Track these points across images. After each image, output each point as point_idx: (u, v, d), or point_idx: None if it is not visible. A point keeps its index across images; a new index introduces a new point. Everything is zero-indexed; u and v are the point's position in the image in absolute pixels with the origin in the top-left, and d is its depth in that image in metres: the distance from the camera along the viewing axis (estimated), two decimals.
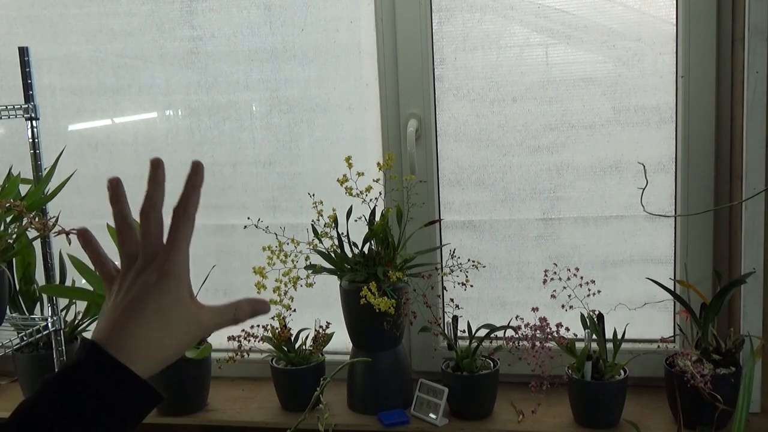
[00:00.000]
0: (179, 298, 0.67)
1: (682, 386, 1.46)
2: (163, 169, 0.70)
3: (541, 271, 1.62)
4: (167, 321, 0.66)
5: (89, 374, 0.62)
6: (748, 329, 1.52)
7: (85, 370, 0.62)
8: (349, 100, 1.80)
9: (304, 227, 1.74)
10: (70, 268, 1.76)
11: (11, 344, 1.52)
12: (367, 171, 1.60)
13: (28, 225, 1.55)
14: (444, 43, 1.71)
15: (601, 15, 1.63)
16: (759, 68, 1.46)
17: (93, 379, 0.62)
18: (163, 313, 0.66)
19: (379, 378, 1.64)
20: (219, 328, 0.70)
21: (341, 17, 1.76)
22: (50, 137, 1.89)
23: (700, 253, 1.63)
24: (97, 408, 0.61)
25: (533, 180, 1.72)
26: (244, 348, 1.67)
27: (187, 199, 0.68)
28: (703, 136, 1.59)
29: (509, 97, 1.70)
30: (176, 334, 0.66)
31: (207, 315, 0.69)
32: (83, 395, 0.61)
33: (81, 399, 0.61)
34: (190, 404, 1.73)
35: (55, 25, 1.91)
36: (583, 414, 1.57)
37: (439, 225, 1.77)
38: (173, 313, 0.66)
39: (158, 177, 0.69)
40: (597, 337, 1.58)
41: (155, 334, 0.65)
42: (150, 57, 1.87)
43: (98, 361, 0.63)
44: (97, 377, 0.62)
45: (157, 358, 0.66)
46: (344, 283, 1.62)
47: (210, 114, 1.87)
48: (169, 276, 0.66)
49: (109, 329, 0.65)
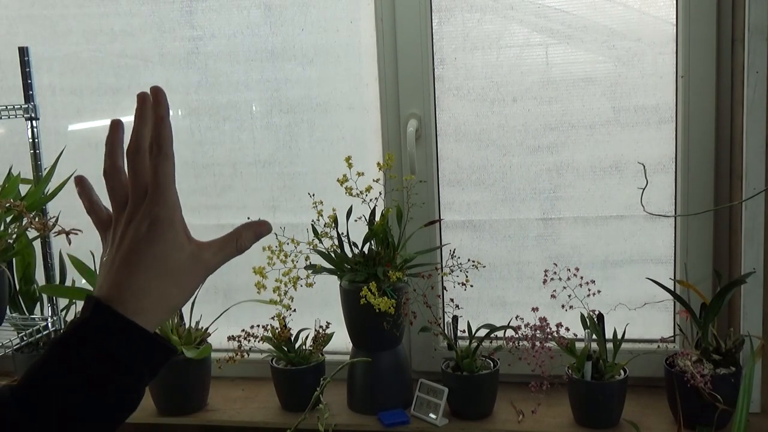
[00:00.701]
0: (175, 242, 0.63)
1: (682, 386, 1.46)
2: (149, 103, 0.65)
3: (541, 271, 1.62)
4: (167, 268, 0.63)
5: (97, 333, 0.60)
6: (748, 329, 1.52)
7: (91, 328, 0.61)
8: (349, 100, 1.80)
9: (304, 227, 1.74)
10: (70, 268, 1.76)
11: (11, 344, 1.52)
12: (367, 171, 1.60)
13: (28, 225, 1.55)
14: (444, 43, 1.71)
15: (601, 15, 1.63)
16: (759, 68, 1.46)
17: (101, 338, 0.60)
18: (160, 261, 0.63)
19: (379, 378, 1.64)
20: (224, 262, 0.67)
21: (341, 17, 1.76)
22: (50, 137, 1.89)
23: (700, 253, 1.63)
24: (109, 365, 0.60)
25: (533, 180, 1.72)
26: (244, 348, 1.67)
27: (157, 135, 0.64)
28: (703, 136, 1.59)
29: (509, 97, 1.70)
30: (179, 280, 0.64)
31: (209, 252, 0.66)
32: (92, 355, 0.60)
33: (91, 358, 0.60)
34: (190, 404, 1.73)
35: (55, 25, 1.91)
36: (583, 414, 1.57)
37: (439, 225, 1.77)
38: (171, 259, 0.63)
39: (144, 113, 0.65)
40: (597, 337, 1.58)
41: (156, 283, 0.62)
42: (150, 57, 1.87)
43: (103, 319, 0.61)
44: (105, 335, 0.60)
45: (163, 307, 0.63)
46: (344, 283, 1.62)
47: (210, 114, 1.87)
48: (160, 221, 0.63)
49: (108, 285, 0.63)
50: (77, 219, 1.80)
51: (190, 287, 0.65)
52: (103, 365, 0.60)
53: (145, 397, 1.85)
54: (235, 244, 0.67)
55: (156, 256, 0.63)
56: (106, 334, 0.61)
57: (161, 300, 0.63)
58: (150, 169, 0.64)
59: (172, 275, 0.63)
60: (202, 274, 0.65)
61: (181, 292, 0.64)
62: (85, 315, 0.62)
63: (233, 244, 0.67)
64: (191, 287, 0.65)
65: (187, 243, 0.65)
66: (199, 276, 0.65)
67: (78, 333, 0.61)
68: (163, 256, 0.63)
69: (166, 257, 0.63)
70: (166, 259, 0.63)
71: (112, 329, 0.61)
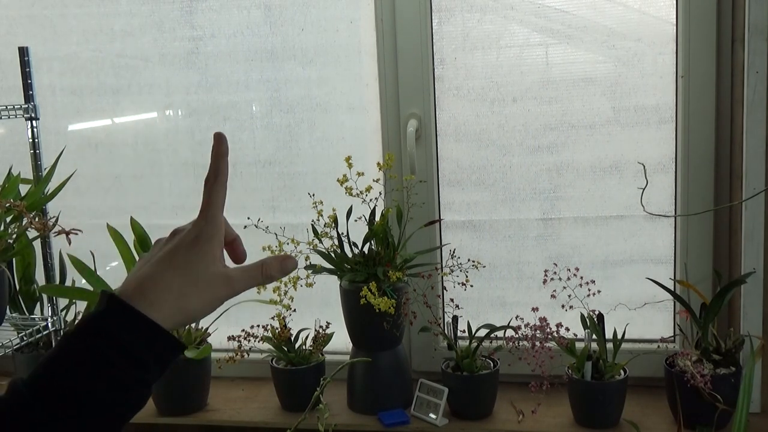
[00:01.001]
0: (209, 255, 0.68)
1: (682, 386, 1.46)
2: (226, 142, 0.72)
3: (541, 271, 1.62)
4: (194, 274, 0.67)
5: (108, 323, 0.63)
6: (748, 329, 1.52)
7: (103, 319, 0.63)
8: (349, 100, 1.80)
9: (304, 227, 1.74)
10: (70, 268, 1.75)
11: (11, 344, 1.52)
12: (367, 171, 1.60)
13: (28, 225, 1.55)
14: (444, 43, 1.71)
15: (601, 15, 1.63)
16: (759, 68, 1.46)
17: (112, 328, 0.63)
18: (191, 267, 0.67)
19: (379, 378, 1.64)
20: (248, 287, 0.70)
21: (341, 17, 1.76)
22: (50, 137, 1.89)
23: (700, 253, 1.63)
24: (119, 355, 0.62)
25: (533, 180, 1.72)
26: (244, 348, 1.67)
27: (216, 168, 0.71)
28: (703, 136, 1.59)
29: (509, 97, 1.70)
30: (202, 290, 0.67)
31: (236, 274, 0.69)
32: (104, 344, 0.62)
33: (102, 348, 0.62)
34: (190, 404, 1.73)
35: (55, 25, 1.91)
36: (583, 414, 1.57)
37: (439, 225, 1.77)
38: (201, 268, 0.67)
39: (221, 150, 0.71)
40: (597, 337, 1.58)
41: (180, 283, 0.66)
42: (150, 57, 1.87)
43: (115, 311, 0.64)
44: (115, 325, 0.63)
45: (180, 309, 0.66)
46: (344, 283, 1.62)
47: (210, 114, 1.87)
48: (204, 234, 0.68)
49: (134, 279, 0.66)
50: (77, 219, 1.80)
51: (210, 300, 0.68)
52: (113, 355, 0.62)
53: None
54: (261, 271, 0.71)
55: (189, 261, 0.67)
56: (117, 324, 0.63)
57: (180, 301, 0.66)
58: (206, 193, 0.71)
59: (197, 283, 0.67)
60: (225, 292, 0.69)
61: (201, 302, 0.67)
62: (99, 308, 0.64)
63: (259, 271, 0.71)
64: (211, 301, 0.68)
65: (220, 261, 0.69)
66: (221, 293, 0.68)
67: (90, 324, 0.63)
68: (195, 262, 0.68)
69: (197, 264, 0.68)
70: (197, 267, 0.67)
71: (124, 320, 0.64)
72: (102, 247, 1.77)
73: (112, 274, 1.82)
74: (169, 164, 1.90)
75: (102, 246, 1.76)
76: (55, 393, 0.61)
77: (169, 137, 1.90)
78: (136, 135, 1.93)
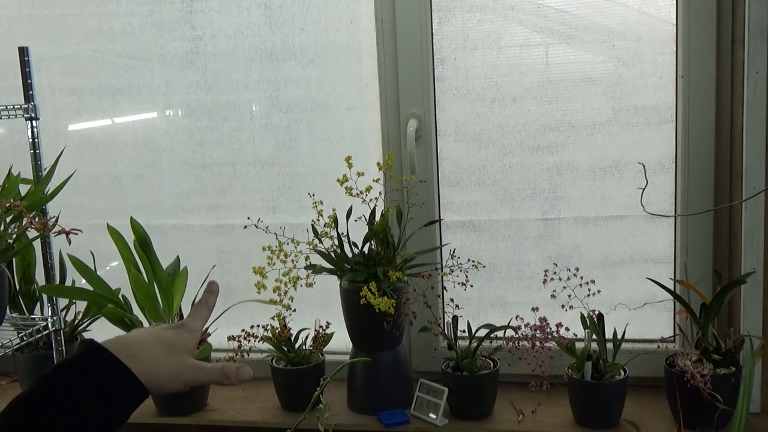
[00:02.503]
0: (186, 343, 0.81)
1: (682, 386, 1.46)
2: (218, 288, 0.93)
3: (541, 271, 1.62)
4: (170, 351, 0.78)
5: (88, 365, 0.70)
6: (748, 329, 1.52)
7: (83, 362, 0.70)
8: (349, 100, 1.80)
9: (304, 227, 1.74)
10: (70, 268, 1.75)
11: (11, 344, 1.52)
12: (367, 171, 1.60)
13: (28, 225, 1.55)
14: (444, 43, 1.71)
15: (601, 15, 1.63)
16: (759, 68, 1.46)
17: (91, 370, 0.70)
18: (170, 345, 0.79)
19: (379, 378, 1.64)
20: (206, 381, 0.81)
21: (341, 17, 1.76)
22: (50, 137, 1.89)
23: (700, 253, 1.63)
24: (95, 396, 0.68)
25: (533, 180, 1.72)
26: (244, 348, 1.67)
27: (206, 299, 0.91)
28: (703, 136, 1.59)
29: (509, 97, 1.70)
30: (171, 366, 0.77)
31: (201, 366, 0.80)
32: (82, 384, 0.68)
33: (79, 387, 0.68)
34: (190, 404, 1.73)
35: (55, 25, 1.91)
36: (583, 414, 1.57)
37: (439, 225, 1.77)
38: (176, 349, 0.79)
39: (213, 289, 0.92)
40: (597, 337, 1.58)
41: (157, 351, 0.77)
42: (150, 57, 1.87)
43: (95, 354, 0.72)
44: (95, 368, 0.70)
45: (153, 370, 0.75)
46: (344, 283, 1.62)
47: (210, 114, 1.87)
48: (186, 327, 0.83)
49: (118, 338, 0.77)
50: (77, 219, 1.80)
51: (176, 375, 0.78)
52: (92, 396, 0.69)
53: None
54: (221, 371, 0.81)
55: (169, 340, 0.80)
56: (92, 364, 0.71)
57: (154, 363, 0.76)
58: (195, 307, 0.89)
59: (170, 358, 0.78)
60: (190, 375, 0.79)
61: (169, 372, 0.77)
62: (79, 350, 0.73)
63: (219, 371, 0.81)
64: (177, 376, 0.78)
65: (191, 352, 0.81)
66: (184, 376, 0.79)
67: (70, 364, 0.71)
68: (174, 343, 0.80)
69: (175, 345, 0.80)
70: (175, 347, 0.79)
71: (98, 361, 0.72)
72: (102, 247, 1.77)
73: (112, 274, 1.82)
74: (169, 164, 1.90)
75: (102, 246, 1.76)
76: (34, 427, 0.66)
77: (169, 137, 1.90)
78: (136, 135, 1.93)
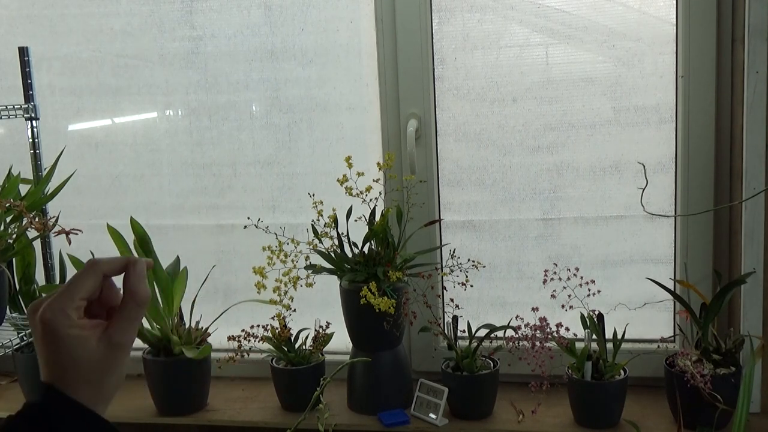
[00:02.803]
0: None
1: (682, 386, 1.46)
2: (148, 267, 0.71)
3: (541, 271, 1.62)
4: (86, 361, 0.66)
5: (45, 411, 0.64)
6: (748, 329, 1.52)
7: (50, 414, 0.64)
8: (349, 100, 1.80)
9: (304, 227, 1.74)
10: (70, 268, 1.76)
11: (11, 344, 1.52)
12: (367, 171, 1.60)
13: (28, 225, 1.55)
14: (444, 43, 1.71)
15: (601, 15, 1.63)
16: (759, 68, 1.46)
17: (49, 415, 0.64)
18: None
19: (379, 378, 1.64)
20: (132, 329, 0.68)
21: (341, 17, 1.76)
22: (50, 137, 1.89)
23: (700, 253, 1.63)
24: None
25: (533, 180, 1.72)
26: (244, 348, 1.67)
27: None
28: (703, 136, 1.59)
29: (509, 97, 1.70)
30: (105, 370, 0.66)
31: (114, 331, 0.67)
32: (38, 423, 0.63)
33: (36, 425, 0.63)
34: (190, 404, 1.73)
35: (55, 25, 1.91)
36: (583, 414, 1.57)
37: (439, 225, 1.77)
38: None
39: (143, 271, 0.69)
40: (597, 337, 1.58)
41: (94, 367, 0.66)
42: (150, 57, 1.87)
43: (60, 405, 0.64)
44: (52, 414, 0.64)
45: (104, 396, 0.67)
46: (344, 283, 1.62)
47: (210, 114, 1.87)
48: None
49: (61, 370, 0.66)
50: (77, 219, 1.80)
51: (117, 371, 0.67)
52: None
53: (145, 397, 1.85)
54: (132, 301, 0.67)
55: None
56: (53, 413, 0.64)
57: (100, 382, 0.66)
58: None
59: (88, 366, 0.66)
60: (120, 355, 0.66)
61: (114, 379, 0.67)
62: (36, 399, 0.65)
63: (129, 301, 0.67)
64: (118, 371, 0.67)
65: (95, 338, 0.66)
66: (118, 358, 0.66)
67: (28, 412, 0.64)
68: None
69: None
70: None
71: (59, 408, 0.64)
72: (102, 247, 1.77)
73: None
74: (169, 164, 1.90)
75: (102, 246, 1.76)
76: None
77: (169, 137, 1.90)
78: (136, 135, 1.93)
